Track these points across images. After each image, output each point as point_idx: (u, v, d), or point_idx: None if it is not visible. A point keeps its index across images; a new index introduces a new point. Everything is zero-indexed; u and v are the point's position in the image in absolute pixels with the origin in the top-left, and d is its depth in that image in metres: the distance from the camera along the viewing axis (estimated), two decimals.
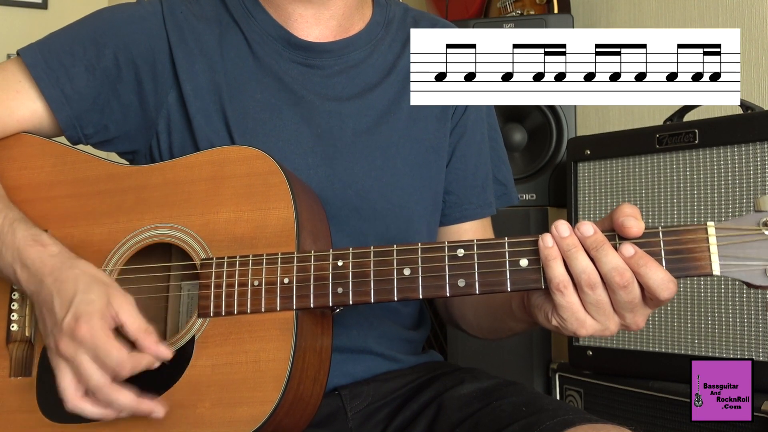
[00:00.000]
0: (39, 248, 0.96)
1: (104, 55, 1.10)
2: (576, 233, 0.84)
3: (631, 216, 0.83)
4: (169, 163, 1.04)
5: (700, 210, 1.48)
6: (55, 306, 0.92)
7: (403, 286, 0.89)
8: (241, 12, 1.15)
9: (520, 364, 1.85)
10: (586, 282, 0.82)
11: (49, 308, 0.93)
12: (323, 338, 0.97)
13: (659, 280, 0.81)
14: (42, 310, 0.94)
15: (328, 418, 1.08)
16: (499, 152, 1.28)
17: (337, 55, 1.15)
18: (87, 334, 0.89)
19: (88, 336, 0.89)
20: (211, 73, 1.11)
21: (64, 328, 0.90)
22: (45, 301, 0.93)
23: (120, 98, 1.11)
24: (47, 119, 1.11)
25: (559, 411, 0.97)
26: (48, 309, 0.93)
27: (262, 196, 0.97)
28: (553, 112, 1.95)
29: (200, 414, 0.92)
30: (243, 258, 0.95)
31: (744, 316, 1.41)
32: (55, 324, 0.91)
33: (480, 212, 1.24)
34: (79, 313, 0.89)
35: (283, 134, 1.10)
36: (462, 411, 1.04)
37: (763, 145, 1.40)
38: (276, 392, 0.90)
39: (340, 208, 1.09)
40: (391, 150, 1.14)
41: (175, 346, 0.95)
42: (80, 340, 0.89)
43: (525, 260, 0.86)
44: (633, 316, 0.84)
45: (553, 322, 0.86)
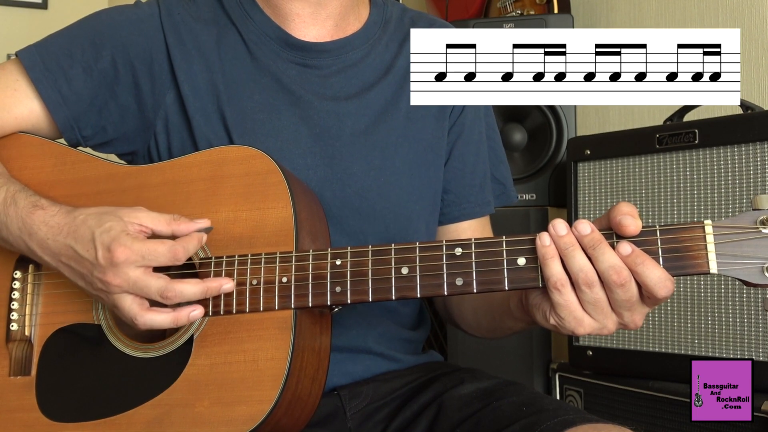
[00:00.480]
0: (40, 212, 0.98)
1: (102, 56, 1.10)
2: (573, 232, 0.84)
3: (628, 214, 0.83)
4: (168, 163, 1.04)
5: (700, 210, 1.48)
6: (81, 253, 0.93)
7: (401, 285, 0.89)
8: (238, 13, 1.15)
9: (520, 364, 1.85)
10: (583, 280, 0.83)
11: (77, 260, 0.94)
12: (322, 337, 0.97)
13: (656, 279, 0.81)
14: (72, 267, 0.95)
15: (327, 418, 1.08)
16: (497, 151, 1.28)
17: (335, 55, 1.15)
18: (126, 253, 0.90)
19: (128, 253, 0.90)
20: (209, 74, 1.11)
21: (103, 263, 0.91)
22: (70, 257, 0.94)
23: (117, 100, 1.12)
24: (45, 120, 1.11)
25: (559, 411, 0.97)
26: (76, 261, 0.94)
27: (261, 195, 0.97)
28: (553, 112, 1.95)
29: (199, 413, 0.92)
30: (241, 257, 0.95)
31: (744, 316, 1.41)
32: (92, 267, 0.92)
33: (478, 211, 1.24)
34: (107, 243, 0.91)
35: (282, 134, 1.10)
36: (462, 411, 1.04)
37: (763, 145, 1.40)
38: (274, 391, 0.90)
39: (338, 207, 1.09)
40: (390, 149, 1.14)
41: (174, 345, 0.96)
42: (124, 261, 0.90)
43: (523, 259, 0.86)
44: (631, 315, 0.84)
45: (551, 321, 0.86)
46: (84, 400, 0.98)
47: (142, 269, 0.91)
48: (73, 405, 0.99)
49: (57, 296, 1.03)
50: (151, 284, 0.91)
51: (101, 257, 0.91)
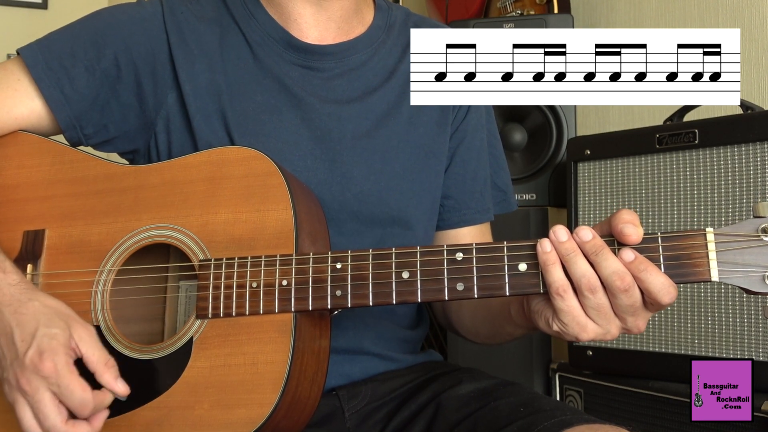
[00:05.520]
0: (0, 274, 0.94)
1: (104, 55, 1.10)
2: (574, 238, 0.84)
3: (630, 223, 0.82)
4: (168, 164, 1.04)
5: (700, 210, 1.48)
6: (15, 339, 0.89)
7: (402, 289, 0.89)
8: (242, 13, 1.15)
9: (520, 364, 1.85)
10: (586, 286, 0.82)
11: (8, 340, 0.90)
12: (321, 340, 0.97)
13: (660, 285, 0.81)
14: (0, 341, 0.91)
15: (326, 418, 1.08)
16: (498, 159, 1.28)
17: (338, 58, 1.15)
18: (52, 371, 0.86)
19: (52, 372, 0.86)
20: (211, 74, 1.11)
21: (27, 364, 0.87)
22: (4, 333, 0.91)
23: (119, 99, 1.11)
24: (46, 119, 1.11)
25: (556, 411, 0.97)
26: (7, 341, 0.90)
27: (261, 197, 0.97)
28: (553, 112, 1.94)
29: (198, 416, 0.92)
30: (241, 260, 0.95)
31: (744, 316, 1.41)
32: (16, 357, 0.88)
33: (478, 217, 1.23)
34: (42, 348, 0.87)
35: (283, 136, 1.10)
36: (460, 411, 1.04)
37: (763, 145, 1.39)
38: (274, 394, 0.89)
39: (338, 210, 1.09)
40: (390, 154, 1.14)
41: (174, 347, 0.95)
42: (45, 375, 0.86)
43: (524, 264, 0.86)
44: (635, 320, 0.84)
45: (554, 327, 0.86)
46: None
47: (51, 395, 0.87)
48: None
49: (55, 296, 1.02)
50: (48, 415, 0.87)
51: (29, 358, 0.87)
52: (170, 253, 1.05)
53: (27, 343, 0.88)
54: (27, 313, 0.90)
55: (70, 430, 0.87)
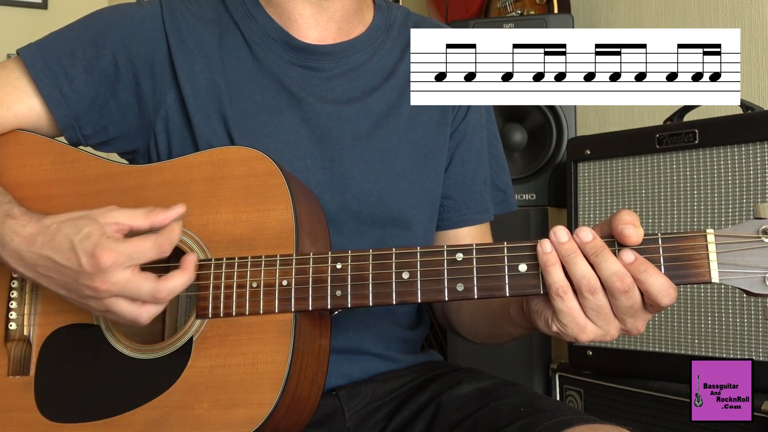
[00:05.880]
0: (11, 222, 0.95)
1: (103, 55, 1.10)
2: (575, 239, 0.84)
3: (630, 224, 0.82)
4: (168, 163, 1.04)
5: (700, 210, 1.48)
6: (61, 263, 0.90)
7: (402, 289, 0.89)
8: (241, 13, 1.15)
9: (520, 364, 1.85)
10: (586, 287, 0.82)
11: (58, 270, 0.91)
12: (321, 340, 0.97)
13: (660, 286, 0.81)
14: (52, 278, 0.92)
15: (326, 418, 1.08)
16: (498, 159, 1.28)
17: (337, 58, 1.15)
18: (112, 257, 0.87)
19: (114, 256, 0.87)
20: (210, 74, 1.11)
21: (89, 270, 0.88)
22: (49, 267, 0.92)
23: (118, 99, 1.11)
24: (45, 118, 1.11)
25: (556, 411, 0.97)
26: (57, 272, 0.91)
27: (261, 197, 0.97)
28: (553, 112, 1.94)
29: (198, 415, 0.92)
30: (241, 259, 0.95)
31: (744, 316, 1.41)
32: (77, 275, 0.90)
33: (478, 218, 1.23)
34: (89, 250, 0.88)
35: (283, 136, 1.10)
36: (460, 411, 1.04)
37: (763, 145, 1.39)
38: (274, 394, 0.89)
39: (338, 211, 1.09)
40: (390, 154, 1.14)
41: (174, 347, 0.95)
42: (111, 265, 0.87)
43: (524, 265, 0.86)
44: (634, 321, 0.84)
45: (553, 328, 0.86)
46: (83, 400, 0.98)
47: (130, 270, 0.89)
48: (72, 405, 0.98)
49: (56, 296, 1.03)
50: (141, 287, 0.89)
51: (86, 264, 0.88)
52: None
53: (74, 257, 0.89)
54: (54, 237, 0.91)
55: (165, 283, 0.90)
